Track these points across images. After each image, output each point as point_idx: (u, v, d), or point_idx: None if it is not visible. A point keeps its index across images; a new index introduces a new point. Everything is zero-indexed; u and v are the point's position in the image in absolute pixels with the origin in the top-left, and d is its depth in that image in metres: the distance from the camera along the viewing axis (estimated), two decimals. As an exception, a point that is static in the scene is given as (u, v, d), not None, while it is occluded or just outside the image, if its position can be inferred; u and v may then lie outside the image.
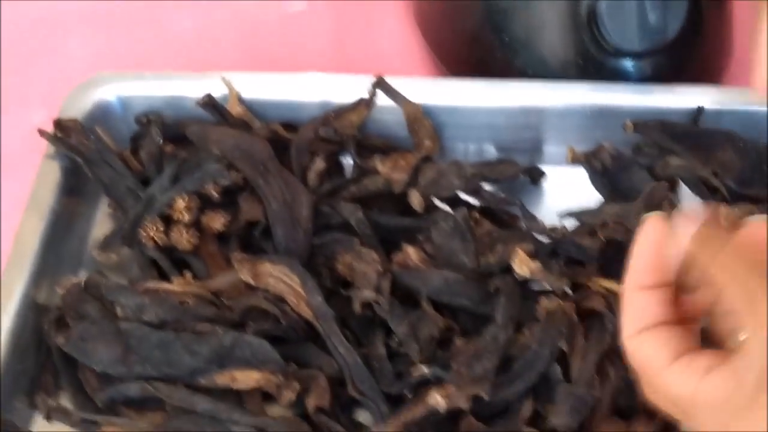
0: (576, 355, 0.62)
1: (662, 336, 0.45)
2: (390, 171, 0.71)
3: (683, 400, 0.44)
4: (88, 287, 0.66)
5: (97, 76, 0.77)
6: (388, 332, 0.65)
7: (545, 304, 0.63)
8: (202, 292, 0.65)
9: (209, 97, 0.75)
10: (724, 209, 0.60)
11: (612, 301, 0.63)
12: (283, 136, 0.74)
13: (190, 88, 0.76)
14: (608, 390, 0.61)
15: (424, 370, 0.61)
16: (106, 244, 0.70)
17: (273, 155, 0.72)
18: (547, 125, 0.76)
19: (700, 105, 0.72)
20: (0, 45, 0.86)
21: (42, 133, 0.72)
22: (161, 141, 0.72)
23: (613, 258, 0.67)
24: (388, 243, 0.69)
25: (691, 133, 0.71)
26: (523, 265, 0.63)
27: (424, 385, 0.61)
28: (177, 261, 0.69)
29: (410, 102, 0.74)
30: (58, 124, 0.73)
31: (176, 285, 0.65)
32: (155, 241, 0.68)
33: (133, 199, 0.70)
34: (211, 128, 0.73)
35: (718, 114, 0.73)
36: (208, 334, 0.63)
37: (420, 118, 0.74)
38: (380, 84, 0.75)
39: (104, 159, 0.71)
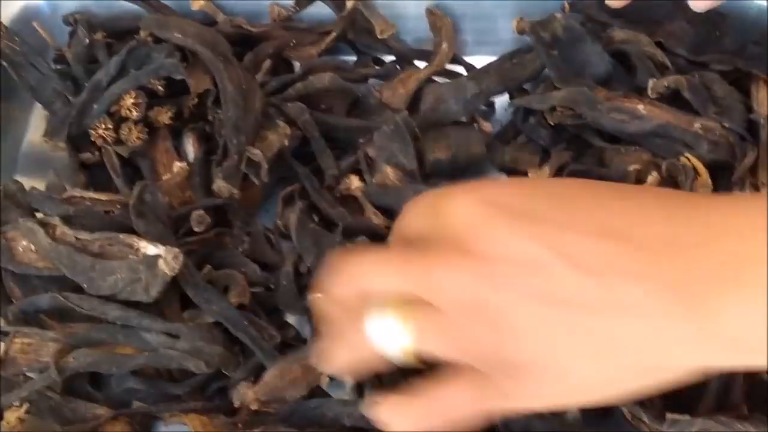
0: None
1: None
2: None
3: None
4: (6, 195, 0.63)
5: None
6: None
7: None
8: (128, 200, 0.62)
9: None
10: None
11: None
12: (247, 30, 0.73)
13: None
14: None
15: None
16: (53, 132, 0.68)
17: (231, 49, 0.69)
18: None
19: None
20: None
21: (-35, 36, 0.70)
22: (87, 41, 0.69)
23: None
24: (338, 142, 0.67)
25: (635, 6, 0.62)
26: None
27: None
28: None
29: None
30: (-18, 26, 0.70)
31: (102, 194, 0.63)
32: (105, 140, 0.66)
33: (61, 102, 0.68)
34: (170, 18, 0.71)
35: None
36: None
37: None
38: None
39: (30, 61, 0.69)
